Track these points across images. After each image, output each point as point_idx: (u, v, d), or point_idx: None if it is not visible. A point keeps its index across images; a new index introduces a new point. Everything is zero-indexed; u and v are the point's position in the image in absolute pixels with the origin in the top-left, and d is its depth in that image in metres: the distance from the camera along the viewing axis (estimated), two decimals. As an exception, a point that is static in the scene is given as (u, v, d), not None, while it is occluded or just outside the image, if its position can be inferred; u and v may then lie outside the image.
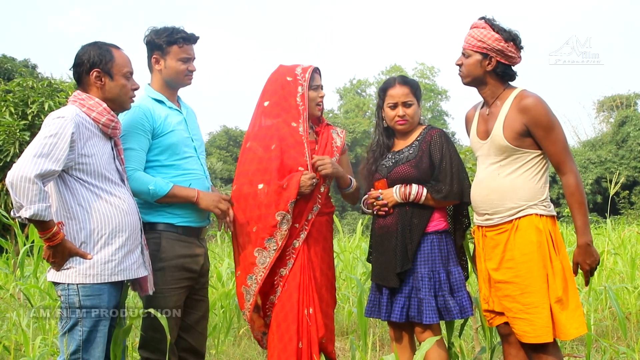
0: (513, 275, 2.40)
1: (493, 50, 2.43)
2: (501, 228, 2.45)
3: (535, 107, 2.37)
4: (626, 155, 21.10)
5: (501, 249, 2.44)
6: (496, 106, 2.48)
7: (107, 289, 2.19)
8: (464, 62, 2.51)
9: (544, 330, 2.34)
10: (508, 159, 2.43)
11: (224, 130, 32.15)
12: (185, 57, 2.63)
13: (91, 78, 2.26)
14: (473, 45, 2.46)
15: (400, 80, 2.77)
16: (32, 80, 7.95)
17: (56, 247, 2.05)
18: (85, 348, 2.17)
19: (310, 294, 2.67)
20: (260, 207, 2.65)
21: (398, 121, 2.73)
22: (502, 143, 2.41)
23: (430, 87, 38.20)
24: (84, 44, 2.32)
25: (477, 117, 2.61)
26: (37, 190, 1.96)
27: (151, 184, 2.46)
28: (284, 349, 2.60)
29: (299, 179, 2.63)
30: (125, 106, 2.37)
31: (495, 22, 2.47)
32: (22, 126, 7.06)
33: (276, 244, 2.63)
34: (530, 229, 2.38)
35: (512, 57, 2.45)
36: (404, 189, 2.67)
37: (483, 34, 2.44)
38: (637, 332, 4.18)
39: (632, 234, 7.22)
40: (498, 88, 2.49)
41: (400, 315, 2.64)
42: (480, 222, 2.55)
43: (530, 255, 2.37)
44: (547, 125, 2.36)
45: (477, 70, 2.48)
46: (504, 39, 2.42)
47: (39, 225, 2.02)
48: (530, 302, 2.36)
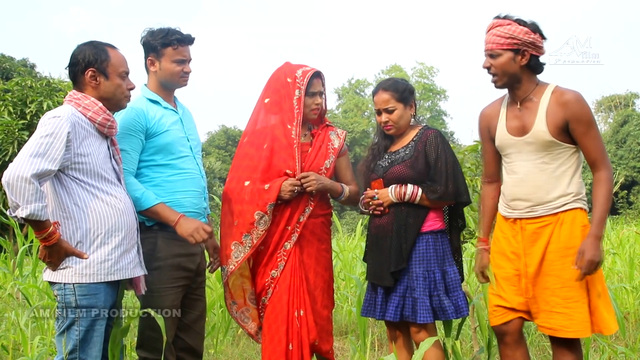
0: (555, 268, 2.37)
1: (525, 43, 2.39)
2: (545, 220, 2.42)
3: (578, 102, 2.36)
4: (625, 155, 21.14)
5: (545, 241, 2.41)
6: (532, 102, 2.45)
7: (104, 289, 2.19)
8: (493, 63, 2.45)
9: (584, 325, 2.33)
10: (552, 154, 2.41)
11: (222, 130, 32.19)
12: (180, 58, 2.62)
13: (86, 77, 2.25)
14: (502, 43, 2.41)
15: (383, 86, 2.78)
16: (30, 79, 7.94)
17: (52, 247, 2.04)
18: (82, 347, 2.16)
19: (301, 295, 2.69)
20: (243, 203, 2.70)
21: (384, 127, 2.78)
22: (547, 138, 2.39)
23: (429, 86, 38.25)
24: (80, 43, 2.31)
25: (505, 114, 2.55)
26: (34, 190, 1.95)
27: (139, 193, 2.43)
28: (274, 351, 2.62)
29: (280, 184, 2.66)
30: (121, 105, 2.36)
31: (516, 17, 2.44)
32: (21, 125, 7.04)
33: (252, 241, 2.67)
34: (575, 223, 2.38)
35: (541, 47, 2.43)
36: (399, 189, 2.68)
37: (511, 29, 2.40)
38: (636, 332, 4.19)
39: (630, 234, 7.24)
40: (532, 83, 2.46)
41: (395, 314, 2.64)
42: (520, 214, 2.48)
43: (574, 250, 2.34)
44: (589, 121, 2.36)
45: (512, 67, 2.43)
46: (532, 30, 2.40)
47: (35, 225, 2.01)
48: (570, 296, 2.34)
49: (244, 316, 2.83)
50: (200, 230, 2.49)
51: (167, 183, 2.57)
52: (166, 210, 2.48)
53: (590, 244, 2.33)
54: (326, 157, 2.81)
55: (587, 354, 3.16)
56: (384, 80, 2.85)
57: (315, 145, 2.83)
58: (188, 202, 2.61)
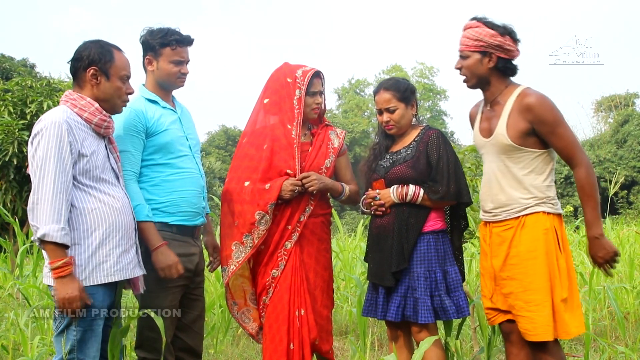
0: (517, 271, 2.39)
1: (491, 46, 2.42)
2: (508, 224, 2.44)
3: (539, 105, 2.36)
4: (625, 155, 21.12)
5: (507, 245, 2.43)
6: (499, 104, 2.47)
7: (102, 289, 2.17)
8: (463, 64, 2.50)
9: (545, 328, 2.33)
10: (513, 157, 2.42)
11: (222, 130, 32.18)
12: (177, 59, 2.61)
13: (87, 75, 2.23)
14: (470, 45, 2.46)
15: (385, 86, 2.78)
16: (30, 79, 7.92)
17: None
18: (80, 348, 2.15)
19: (302, 295, 2.69)
20: (243, 203, 2.69)
21: (385, 126, 2.77)
22: (506, 142, 2.41)
23: (429, 86, 38.24)
24: (86, 40, 2.30)
25: (480, 115, 2.60)
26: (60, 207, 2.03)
27: (134, 203, 2.39)
28: (275, 350, 2.62)
29: (281, 184, 2.66)
30: (116, 109, 2.33)
31: (488, 19, 2.47)
32: (21, 126, 7.03)
33: (253, 241, 2.67)
34: (537, 226, 2.37)
35: (510, 50, 2.44)
36: (400, 189, 2.68)
37: (478, 32, 2.44)
38: (636, 332, 4.19)
39: (630, 234, 7.23)
40: (500, 85, 2.48)
41: (396, 314, 2.64)
42: (487, 217, 2.54)
43: (535, 253, 2.36)
44: (553, 121, 2.35)
45: (480, 69, 2.47)
46: (500, 33, 2.42)
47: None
48: (532, 300, 2.35)
49: (245, 317, 2.83)
50: (174, 268, 2.45)
51: (166, 182, 2.57)
52: (152, 232, 2.44)
53: (594, 247, 2.35)
54: (326, 157, 2.82)
55: (587, 353, 3.16)
56: (386, 80, 2.86)
57: (315, 144, 2.83)
58: (187, 202, 2.61)
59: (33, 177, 2.09)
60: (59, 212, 2.03)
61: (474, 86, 2.53)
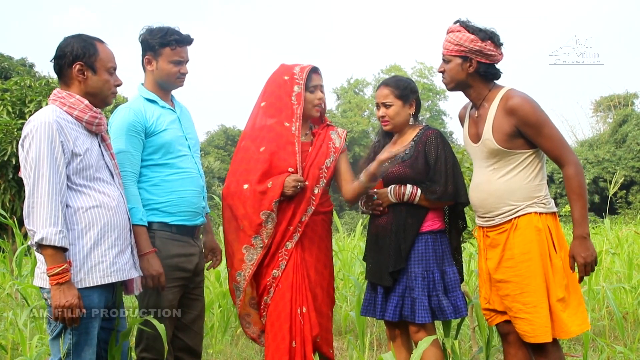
0: (512, 274, 2.40)
1: (471, 51, 2.42)
2: (501, 228, 2.45)
3: (522, 106, 2.35)
4: (624, 155, 21.13)
5: (501, 248, 2.44)
6: (484, 108, 2.48)
7: (98, 291, 2.11)
8: (445, 68, 2.51)
9: (543, 330, 2.33)
10: (501, 162, 2.43)
11: (222, 130, 32.15)
12: (177, 59, 2.60)
13: (73, 71, 2.15)
14: (451, 50, 2.46)
15: (386, 81, 2.80)
16: (29, 79, 7.95)
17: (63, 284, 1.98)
18: (76, 351, 2.09)
19: (303, 292, 2.68)
20: (246, 206, 2.67)
21: (381, 121, 2.79)
22: (493, 147, 2.41)
23: (428, 86, 38.21)
24: (67, 36, 2.20)
25: (467, 120, 2.61)
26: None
27: (129, 206, 2.38)
28: (277, 348, 2.61)
29: (283, 180, 2.64)
30: (107, 101, 2.26)
31: (470, 23, 2.47)
32: (20, 125, 7.04)
33: (262, 241, 2.65)
34: (529, 228, 2.37)
35: (491, 55, 2.44)
36: (398, 189, 2.68)
37: (459, 37, 2.44)
38: (634, 332, 4.19)
39: (629, 234, 7.24)
40: (483, 89, 2.48)
41: (394, 314, 2.65)
42: (481, 223, 2.55)
43: (529, 255, 2.36)
44: (537, 122, 2.34)
45: (460, 74, 2.47)
46: (480, 38, 2.42)
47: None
48: (529, 302, 2.35)
49: (245, 322, 2.83)
50: (159, 279, 2.43)
51: (165, 182, 2.57)
52: (143, 237, 2.42)
53: (578, 246, 2.33)
54: (327, 156, 2.81)
55: (586, 353, 3.16)
56: (390, 77, 2.88)
57: (316, 144, 2.82)
58: (186, 202, 2.61)
59: (27, 181, 2.03)
60: (55, 214, 1.99)
61: (453, 89, 2.54)
